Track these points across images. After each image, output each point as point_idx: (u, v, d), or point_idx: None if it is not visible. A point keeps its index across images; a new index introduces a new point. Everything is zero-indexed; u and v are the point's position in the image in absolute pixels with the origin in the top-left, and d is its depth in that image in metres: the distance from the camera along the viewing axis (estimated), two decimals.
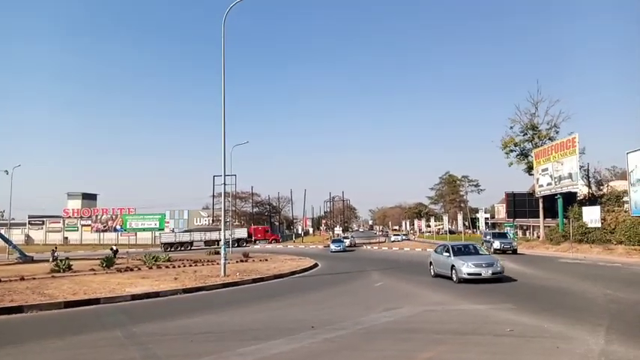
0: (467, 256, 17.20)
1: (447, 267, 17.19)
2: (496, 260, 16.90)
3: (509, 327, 8.48)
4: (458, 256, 16.96)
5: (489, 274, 15.87)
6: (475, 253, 17.85)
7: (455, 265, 16.48)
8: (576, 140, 38.37)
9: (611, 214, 35.18)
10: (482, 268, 15.93)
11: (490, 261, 16.61)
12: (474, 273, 15.85)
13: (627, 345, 7.02)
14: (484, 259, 16.71)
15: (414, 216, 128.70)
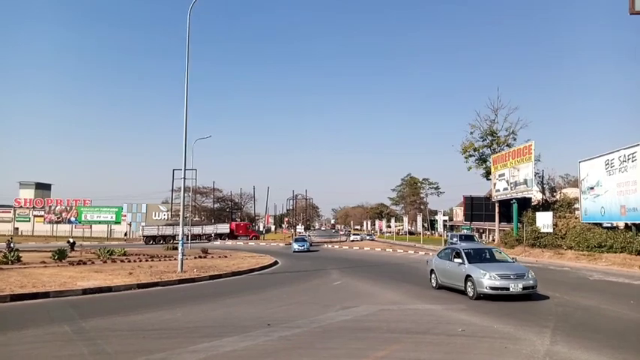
0: (486, 263, 13.44)
1: (458, 277, 13.47)
2: (527, 270, 12.91)
3: (462, 327, 8.69)
4: (475, 264, 13.14)
5: (519, 289, 12.05)
6: (492, 259, 14.20)
7: (472, 276, 12.62)
8: (532, 147, 39.69)
9: (562, 219, 36.57)
10: (510, 281, 12.13)
11: (520, 271, 12.73)
12: (499, 287, 12.07)
13: (571, 346, 7.31)
14: (511, 268, 12.92)
15: (375, 216, 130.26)
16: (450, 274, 14.10)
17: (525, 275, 12.46)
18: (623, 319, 10.00)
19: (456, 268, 13.69)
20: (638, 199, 28.19)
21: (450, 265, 14.13)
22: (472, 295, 12.53)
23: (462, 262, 13.43)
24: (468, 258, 13.50)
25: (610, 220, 31.56)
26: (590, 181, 33.27)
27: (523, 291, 12.09)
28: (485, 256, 14.28)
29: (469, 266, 13.08)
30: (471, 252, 14.13)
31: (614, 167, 30.32)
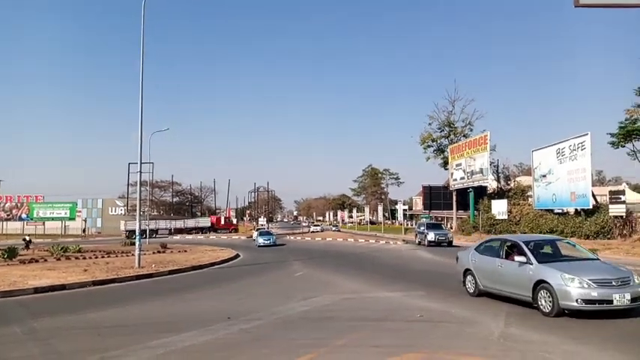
0: (564, 262, 9.33)
1: (519, 283, 9.26)
2: (629, 273, 8.79)
3: (420, 313, 8.87)
4: (549, 264, 9.06)
5: (626, 302, 8.03)
6: (567, 256, 10.05)
7: (549, 283, 8.51)
8: (488, 138, 40.89)
9: (516, 207, 37.92)
10: (612, 289, 8.14)
11: (622, 274, 8.63)
12: (598, 300, 8.07)
13: (524, 327, 7.59)
14: (609, 271, 8.81)
15: (337, 207, 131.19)
16: (503, 278, 9.88)
17: (630, 280, 8.48)
18: None
19: (515, 269, 9.44)
20: (587, 186, 29.51)
21: (504, 264, 9.92)
22: (549, 310, 8.44)
23: (527, 260, 9.20)
24: (535, 255, 9.34)
25: (561, 206, 32.93)
26: (542, 169, 34.58)
27: (632, 304, 8.10)
28: (556, 251, 10.34)
29: (540, 267, 8.95)
30: (533, 245, 9.90)
31: (564, 156, 31.60)
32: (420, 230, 35.13)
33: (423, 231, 33.53)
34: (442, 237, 31.77)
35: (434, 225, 35.67)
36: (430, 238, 31.72)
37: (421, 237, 33.47)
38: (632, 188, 59.67)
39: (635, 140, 30.93)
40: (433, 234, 31.91)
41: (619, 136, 31.24)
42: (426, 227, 33.61)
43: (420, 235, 34.28)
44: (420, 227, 36.12)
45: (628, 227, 27.82)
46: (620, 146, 31.55)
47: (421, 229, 34.58)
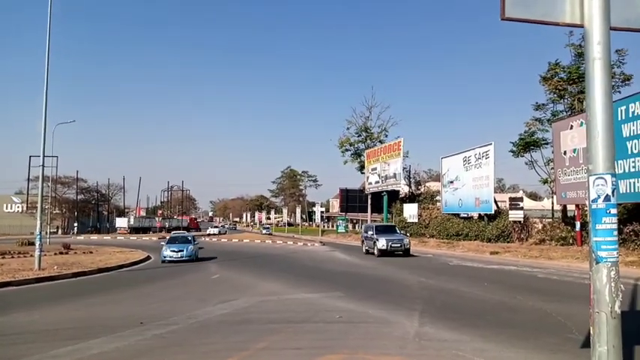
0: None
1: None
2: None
3: (339, 314, 8.99)
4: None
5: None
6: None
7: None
8: (401, 144, 42.62)
9: (426, 210, 39.84)
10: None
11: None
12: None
13: (437, 326, 7.94)
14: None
15: (255, 208, 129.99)
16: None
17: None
18: (480, 300, 11.13)
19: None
20: (490, 193, 31.70)
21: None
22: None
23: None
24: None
25: (466, 211, 35.08)
26: (450, 175, 36.65)
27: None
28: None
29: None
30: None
31: (470, 164, 33.71)
32: (367, 235, 27.84)
33: (371, 236, 26.47)
34: (396, 244, 24.86)
35: (385, 228, 27.86)
36: (382, 245, 24.62)
37: (369, 244, 26.72)
38: (527, 195, 64.97)
39: (532, 151, 33.69)
40: (385, 240, 24.81)
41: (519, 147, 33.85)
42: (375, 231, 26.39)
43: (367, 242, 27.32)
44: (367, 232, 28.57)
45: (525, 232, 30.26)
46: (519, 156, 34.20)
47: (369, 233, 27.52)
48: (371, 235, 26.58)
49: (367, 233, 27.94)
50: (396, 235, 26.09)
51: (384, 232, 26.04)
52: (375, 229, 26.97)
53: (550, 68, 31.65)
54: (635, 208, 21.57)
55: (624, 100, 21.68)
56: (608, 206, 3.40)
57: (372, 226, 29.04)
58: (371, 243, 26.21)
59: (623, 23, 3.77)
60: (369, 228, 28.96)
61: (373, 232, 26.34)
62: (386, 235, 25.41)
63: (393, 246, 24.71)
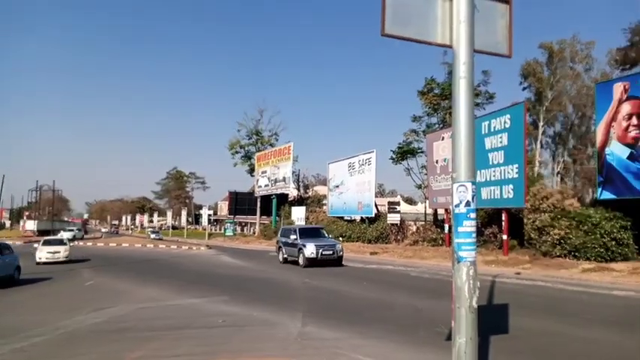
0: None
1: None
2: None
3: (222, 318, 8.86)
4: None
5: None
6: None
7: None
8: (291, 148, 43.26)
9: (313, 213, 40.81)
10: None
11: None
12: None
13: (319, 326, 8.18)
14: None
15: (136, 210, 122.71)
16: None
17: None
18: (359, 299, 11.67)
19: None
20: (371, 197, 33.42)
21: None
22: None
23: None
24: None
25: (350, 214, 36.57)
26: (336, 180, 37.99)
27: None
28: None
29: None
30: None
31: (354, 169, 35.25)
32: (287, 241, 22.41)
33: (294, 242, 21.35)
34: (328, 250, 20.22)
35: (311, 232, 22.80)
36: (310, 253, 19.93)
37: (290, 251, 21.80)
38: (404, 200, 69.42)
39: (409, 159, 36.20)
40: (314, 247, 20.10)
41: (397, 155, 36.18)
42: (300, 235, 21.34)
43: (287, 249, 22.16)
44: (286, 236, 22.93)
45: (401, 233, 32.38)
46: (398, 163, 36.57)
47: (291, 238, 21.96)
48: (294, 240, 21.35)
49: (288, 238, 22.42)
50: (326, 240, 21.54)
51: (310, 237, 21.34)
52: (298, 232, 21.83)
53: (427, 83, 34.32)
54: (495, 212, 24.10)
55: (488, 116, 24.18)
56: (468, 211, 3.78)
57: (294, 228, 23.34)
58: (294, 250, 21.26)
59: (485, 47, 4.24)
60: (289, 231, 23.12)
61: (297, 237, 21.23)
62: (314, 240, 20.70)
63: (324, 254, 19.98)
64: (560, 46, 43.45)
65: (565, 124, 45.95)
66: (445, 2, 4.02)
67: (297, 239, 21.18)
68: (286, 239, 22.60)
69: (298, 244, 20.82)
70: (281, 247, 23.14)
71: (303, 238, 21.01)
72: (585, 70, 43.50)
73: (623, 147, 19.18)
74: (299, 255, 20.59)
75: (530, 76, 44.56)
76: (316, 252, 20.01)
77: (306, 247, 20.10)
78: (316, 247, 20.15)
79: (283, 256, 22.63)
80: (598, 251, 18.77)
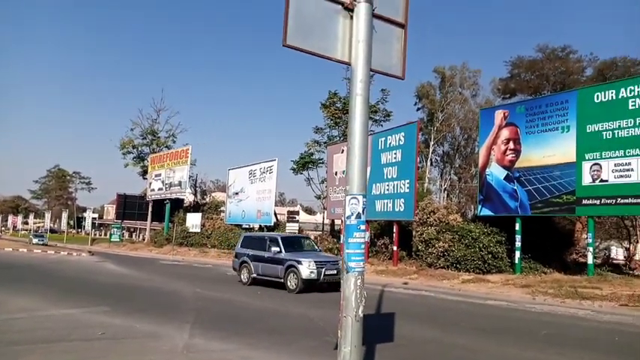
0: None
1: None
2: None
3: (101, 330, 8.25)
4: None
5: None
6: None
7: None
8: (189, 152, 41.89)
9: (210, 220, 39.76)
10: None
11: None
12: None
13: (207, 337, 7.93)
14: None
15: (9, 211, 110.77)
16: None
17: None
18: (252, 309, 11.53)
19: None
20: (271, 206, 33.38)
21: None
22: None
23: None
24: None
25: (249, 222, 36.18)
26: (236, 187, 37.44)
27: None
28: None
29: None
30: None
31: (255, 177, 35.03)
32: (260, 254, 16.34)
33: (276, 256, 15.55)
34: (332, 269, 14.74)
35: (297, 242, 17.25)
36: (309, 273, 14.43)
37: (267, 269, 15.89)
38: (304, 210, 70.42)
39: (310, 169, 36.80)
40: (313, 264, 14.58)
41: (298, 165, 36.61)
42: (285, 247, 15.70)
43: (260, 266, 16.19)
44: (259, 246, 16.75)
45: None
46: (299, 173, 36.98)
47: (270, 250, 15.83)
48: (275, 253, 15.49)
49: (261, 250, 16.35)
50: (323, 255, 16.50)
51: (298, 249, 16.14)
52: (282, 242, 15.85)
53: (329, 97, 35.24)
54: (387, 225, 25.28)
55: (384, 132, 25.41)
56: (359, 222, 3.90)
57: (273, 237, 16.48)
58: (274, 268, 15.44)
59: (381, 68, 4.44)
60: (263, 241, 16.69)
61: (280, 249, 15.51)
62: (308, 255, 15.34)
63: (327, 274, 14.48)
64: (452, 72, 47.16)
65: (453, 145, 49.76)
66: (346, 20, 4.15)
67: (280, 252, 15.41)
68: (257, 252, 16.45)
69: (285, 260, 15.01)
70: (245, 262, 16.75)
71: (290, 251, 15.52)
72: (472, 96, 47.67)
73: (501, 169, 21.15)
74: (286, 275, 14.83)
75: (424, 98, 47.74)
76: (317, 271, 14.35)
77: (301, 265, 14.39)
78: (316, 264, 14.45)
79: (250, 275, 16.39)
80: (476, 263, 20.43)
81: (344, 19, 4.15)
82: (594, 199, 17.59)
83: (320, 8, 4.07)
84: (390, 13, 4.40)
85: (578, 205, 18.02)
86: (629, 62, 35.12)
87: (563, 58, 38.46)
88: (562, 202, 18.55)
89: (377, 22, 4.22)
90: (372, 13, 4.08)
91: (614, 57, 36.12)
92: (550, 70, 38.49)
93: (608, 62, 36.11)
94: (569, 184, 18.30)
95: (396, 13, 4.47)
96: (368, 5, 4.02)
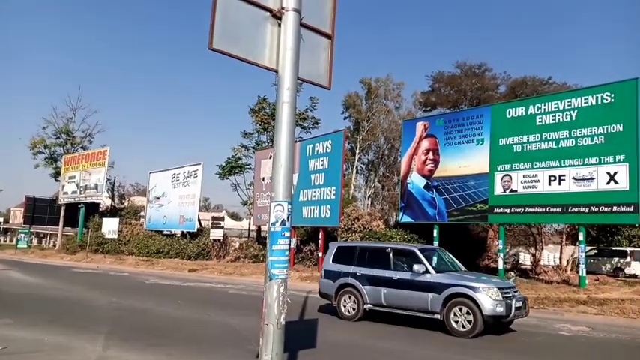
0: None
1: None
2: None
3: (4, 344, 7.60)
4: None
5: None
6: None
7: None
8: (107, 153, 39.81)
9: (128, 226, 37.94)
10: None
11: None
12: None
13: (123, 349, 7.55)
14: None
15: None
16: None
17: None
18: (172, 318, 11.12)
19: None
20: (194, 211, 32.49)
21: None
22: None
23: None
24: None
25: (170, 228, 35.01)
26: (157, 191, 36.09)
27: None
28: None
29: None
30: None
31: (179, 181, 33.98)
32: (392, 277, 10.76)
33: (427, 280, 10.21)
34: (519, 299, 10.03)
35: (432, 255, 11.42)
36: (494, 307, 9.35)
37: (409, 301, 10.39)
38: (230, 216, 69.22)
39: (237, 175, 36.30)
40: (498, 292, 9.59)
41: (225, 170, 35.99)
42: (430, 263, 10.61)
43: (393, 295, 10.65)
44: (389, 264, 11.09)
45: (223, 249, 32.07)
46: (225, 178, 36.35)
47: (412, 271, 10.44)
48: (418, 273, 10.35)
49: (390, 269, 11.01)
50: (499, 281, 10.89)
51: (445, 268, 10.95)
52: (423, 256, 10.69)
53: (259, 102, 35.05)
54: (314, 231, 25.49)
55: (312, 139, 25.69)
56: (283, 229, 3.91)
57: (410, 250, 11.19)
58: (421, 297, 10.20)
59: (308, 76, 4.50)
60: (392, 254, 11.27)
61: (427, 268, 10.37)
62: (478, 279, 10.21)
63: (517, 306, 9.80)
64: (377, 84, 48.67)
65: (377, 154, 51.25)
66: (274, 27, 4.17)
67: (426, 271, 10.28)
68: (374, 271, 11.11)
69: (442, 285, 9.99)
70: (351, 285, 11.31)
71: (445, 271, 10.63)
72: (396, 107, 49.43)
73: (421, 178, 22.09)
74: (448, 309, 9.73)
75: (351, 107, 48.84)
76: (505, 303, 9.53)
77: (479, 293, 9.54)
78: (501, 292, 9.73)
79: (362, 306, 11.02)
80: None
81: (272, 26, 4.17)
82: (505, 207, 18.86)
83: (248, 14, 4.06)
84: (318, 23, 4.48)
85: (491, 213, 19.22)
86: (537, 81, 38.03)
87: (479, 74, 40.93)
88: (476, 210, 19.70)
89: (305, 32, 4.28)
90: (300, 23, 4.13)
91: (525, 76, 38.93)
92: (467, 86, 40.81)
93: (519, 80, 38.88)
94: (483, 193, 19.48)
95: (323, 24, 4.56)
96: (296, 14, 4.07)
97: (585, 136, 17.20)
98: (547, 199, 17.71)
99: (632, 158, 16.03)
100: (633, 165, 16.00)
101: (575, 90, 19.89)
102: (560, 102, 18.10)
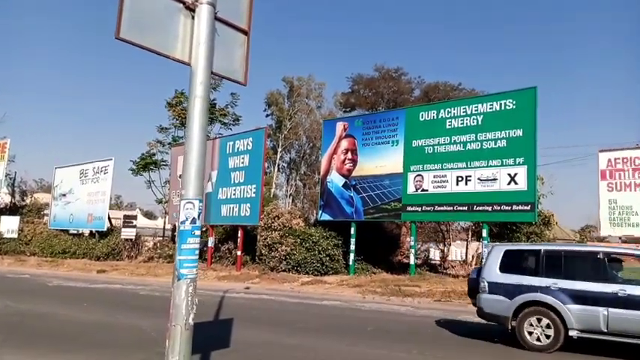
0: None
1: None
2: None
3: None
4: None
5: None
6: None
7: None
8: (7, 146, 36.64)
9: (30, 225, 35.12)
10: None
11: None
12: None
13: (19, 356, 7.00)
14: None
15: None
16: None
17: None
18: (76, 322, 10.45)
19: None
20: (104, 209, 30.75)
21: None
22: None
23: None
24: None
25: (77, 227, 32.85)
26: (63, 187, 33.75)
27: None
28: None
29: None
30: None
31: (87, 177, 31.99)
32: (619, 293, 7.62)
33: None
34: None
35: None
36: None
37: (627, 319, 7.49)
38: (144, 214, 66.25)
39: (151, 171, 34.78)
40: None
41: (138, 166, 34.37)
42: None
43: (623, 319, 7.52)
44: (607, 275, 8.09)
45: (135, 249, 30.65)
46: (139, 174, 34.70)
47: None
48: None
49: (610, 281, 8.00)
50: None
51: None
52: None
53: (176, 95, 33.85)
54: (233, 229, 25.11)
55: (233, 136, 25.30)
56: (193, 228, 3.82)
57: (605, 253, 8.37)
58: None
59: (223, 72, 4.42)
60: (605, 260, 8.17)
61: None
62: None
63: None
64: (299, 83, 48.88)
65: (299, 152, 51.52)
66: (187, 20, 4.05)
67: None
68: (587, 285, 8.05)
69: None
70: (542, 305, 8.29)
71: None
72: (317, 107, 49.93)
73: (340, 177, 22.53)
74: None
75: (273, 105, 48.66)
76: None
77: None
78: None
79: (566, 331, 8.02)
80: (315, 266, 21.39)
81: (185, 18, 4.04)
82: (417, 206, 19.74)
83: (159, 4, 3.91)
84: (234, 18, 4.41)
85: (404, 211, 20.03)
86: (449, 87, 40.15)
87: (396, 78, 42.43)
88: (390, 208, 20.45)
89: (220, 26, 4.19)
90: (215, 17, 4.05)
91: (437, 81, 40.92)
92: (385, 89, 42.17)
93: (432, 85, 40.81)
94: (397, 192, 20.26)
95: (239, 19, 4.49)
96: (210, 8, 3.98)
97: (490, 139, 18.41)
98: (455, 198, 18.76)
99: (530, 161, 17.40)
100: (531, 167, 17.38)
101: (482, 96, 21.22)
102: (468, 107, 19.23)
